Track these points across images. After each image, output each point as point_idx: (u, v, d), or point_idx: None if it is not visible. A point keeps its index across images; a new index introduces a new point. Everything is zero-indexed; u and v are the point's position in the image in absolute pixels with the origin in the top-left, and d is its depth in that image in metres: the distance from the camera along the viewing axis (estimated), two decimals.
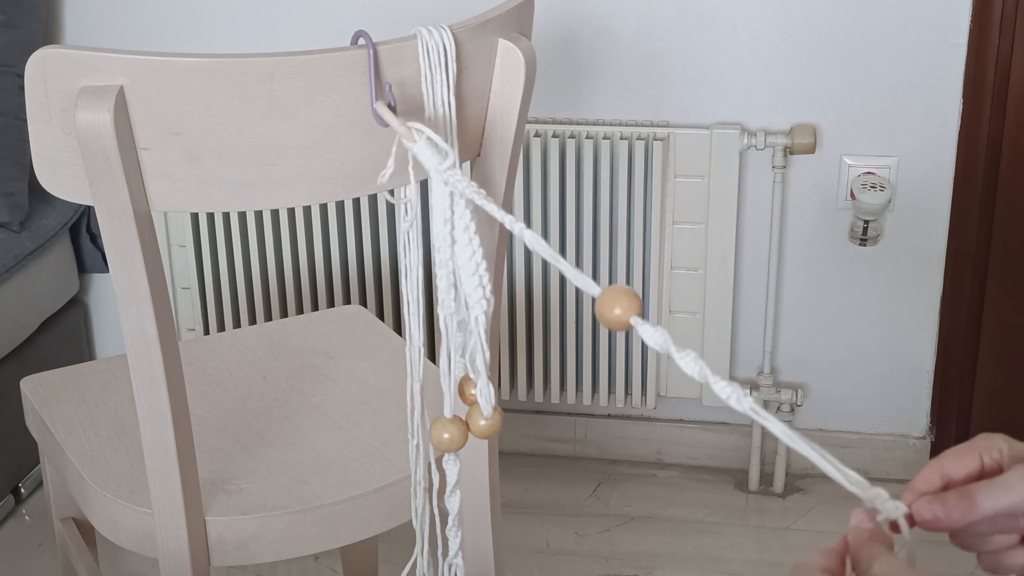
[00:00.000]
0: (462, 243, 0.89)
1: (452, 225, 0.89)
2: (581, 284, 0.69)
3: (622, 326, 0.65)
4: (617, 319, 0.65)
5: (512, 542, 2.03)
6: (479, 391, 0.93)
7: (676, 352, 0.64)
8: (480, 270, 0.89)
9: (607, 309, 0.66)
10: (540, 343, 2.14)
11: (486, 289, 0.89)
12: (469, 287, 0.89)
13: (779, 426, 0.64)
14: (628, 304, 0.66)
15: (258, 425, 1.32)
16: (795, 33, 1.99)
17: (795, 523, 2.11)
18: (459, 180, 0.86)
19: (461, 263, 0.89)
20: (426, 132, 0.91)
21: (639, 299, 0.66)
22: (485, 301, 0.89)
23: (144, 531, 1.17)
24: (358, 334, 1.52)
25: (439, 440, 0.95)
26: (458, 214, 0.89)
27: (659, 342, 0.65)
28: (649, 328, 0.65)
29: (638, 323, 0.65)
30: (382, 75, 1.02)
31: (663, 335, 0.65)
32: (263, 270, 2.15)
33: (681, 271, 2.08)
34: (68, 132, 0.98)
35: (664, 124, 2.04)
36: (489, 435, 0.95)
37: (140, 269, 1.02)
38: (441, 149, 0.89)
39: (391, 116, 0.95)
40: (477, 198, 0.84)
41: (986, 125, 1.98)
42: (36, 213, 2.14)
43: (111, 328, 2.40)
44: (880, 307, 2.12)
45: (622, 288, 0.66)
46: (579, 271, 0.70)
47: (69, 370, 1.42)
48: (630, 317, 0.65)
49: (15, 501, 2.16)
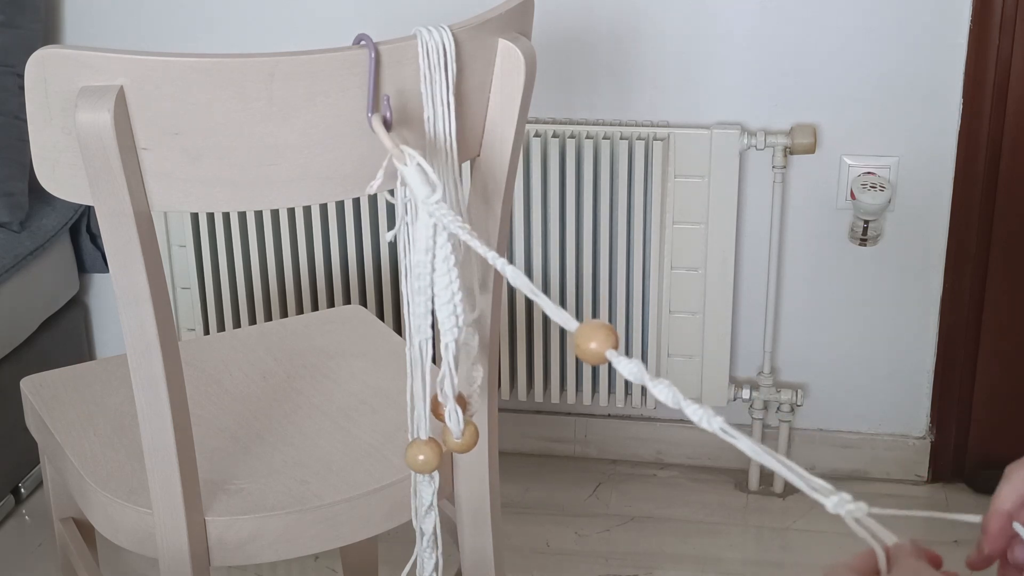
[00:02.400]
0: (440, 272, 0.93)
1: (433, 255, 0.92)
2: (559, 319, 0.72)
3: (599, 360, 0.68)
4: (593, 352, 0.68)
5: (512, 542, 2.03)
6: (447, 415, 0.99)
7: (650, 381, 0.67)
8: (455, 300, 0.93)
9: (584, 343, 0.69)
10: (540, 343, 2.14)
11: (459, 319, 0.94)
12: (443, 315, 0.94)
13: (747, 443, 0.67)
14: (604, 338, 0.69)
15: (258, 425, 1.32)
16: (795, 33, 1.99)
17: (795, 523, 2.11)
18: (445, 214, 0.88)
19: (438, 291, 0.93)
20: (417, 158, 0.92)
21: (615, 333, 0.69)
22: (457, 329, 0.94)
23: (144, 531, 1.17)
24: (358, 334, 1.52)
25: (414, 462, 1.01)
26: (439, 244, 0.92)
27: (634, 373, 0.68)
28: (624, 360, 0.68)
29: (613, 356, 0.68)
30: (382, 79, 1.02)
31: (638, 366, 0.68)
32: (263, 270, 2.15)
33: (681, 271, 2.08)
34: (68, 132, 0.98)
35: (664, 124, 2.04)
36: (464, 451, 1.01)
37: (140, 269, 1.02)
38: (430, 180, 0.91)
39: (384, 135, 0.96)
40: (462, 234, 0.86)
41: (986, 125, 1.98)
42: (36, 213, 2.14)
43: (111, 328, 2.40)
44: (880, 307, 2.12)
45: (598, 323, 0.69)
46: (558, 306, 0.73)
47: (69, 370, 1.42)
48: (605, 351, 0.68)
49: (15, 501, 2.16)
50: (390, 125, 1.01)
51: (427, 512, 1.12)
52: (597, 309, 2.09)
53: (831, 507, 0.67)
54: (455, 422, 1.00)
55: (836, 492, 0.67)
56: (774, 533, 2.09)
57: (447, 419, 1.01)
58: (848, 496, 0.67)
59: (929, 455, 2.19)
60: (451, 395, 0.99)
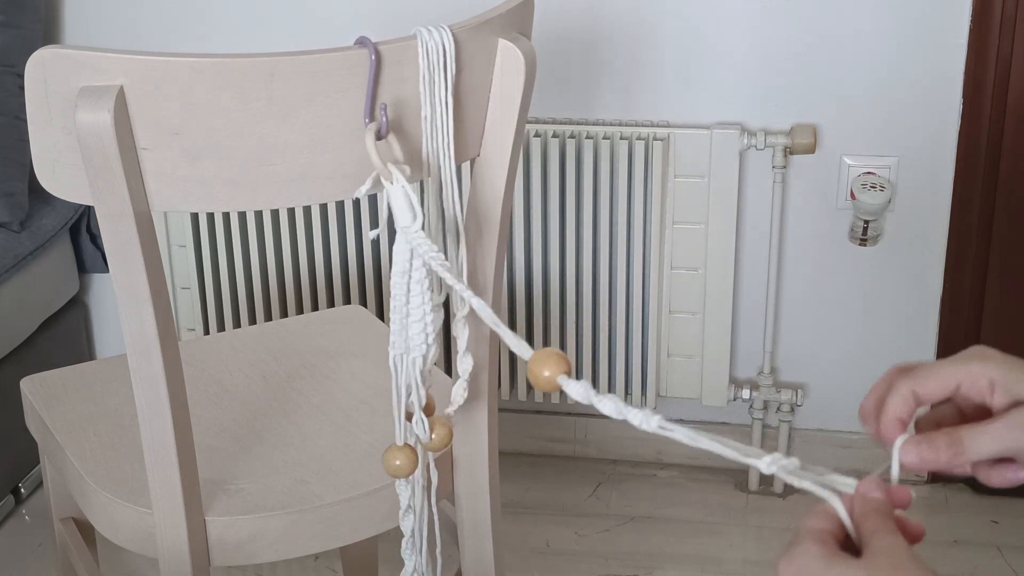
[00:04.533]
0: (415, 293, 0.99)
1: (409, 276, 0.98)
2: (516, 348, 0.77)
3: (551, 387, 0.73)
4: (546, 380, 0.73)
5: (512, 542, 2.03)
6: (415, 423, 1.07)
7: (595, 397, 0.72)
8: (427, 319, 1.01)
9: (537, 370, 0.73)
10: (540, 343, 2.14)
11: (428, 337, 1.02)
12: (414, 331, 1.01)
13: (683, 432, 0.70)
14: (555, 365, 0.73)
15: (258, 425, 1.32)
16: (795, 33, 1.99)
17: (795, 523, 2.11)
18: (422, 243, 0.93)
19: (411, 310, 1.00)
20: (402, 181, 0.94)
21: (566, 360, 0.74)
22: (425, 346, 1.02)
23: (144, 531, 1.17)
24: (358, 334, 1.52)
25: (391, 467, 1.08)
26: (415, 267, 0.98)
27: (581, 394, 0.72)
28: (573, 383, 0.73)
29: (564, 382, 0.73)
30: (381, 81, 1.02)
31: (585, 387, 0.72)
32: (263, 270, 2.15)
33: (681, 271, 2.08)
34: (68, 132, 0.98)
35: (664, 124, 2.04)
36: (436, 450, 1.10)
37: (140, 269, 1.02)
38: (412, 206, 0.95)
39: (374, 152, 0.98)
40: (434, 264, 0.92)
41: (986, 125, 1.98)
42: (36, 213, 2.14)
43: (111, 328, 2.40)
44: (880, 307, 2.12)
45: (550, 351, 0.74)
46: (515, 335, 0.78)
47: (69, 370, 1.42)
48: (556, 377, 0.73)
49: (15, 501, 2.16)
50: (385, 134, 1.01)
51: (406, 514, 1.15)
52: (597, 309, 2.09)
53: (764, 468, 0.69)
54: (421, 429, 1.08)
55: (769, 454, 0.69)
56: (774, 533, 2.10)
57: (414, 426, 1.08)
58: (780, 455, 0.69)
59: None
60: (418, 405, 1.07)
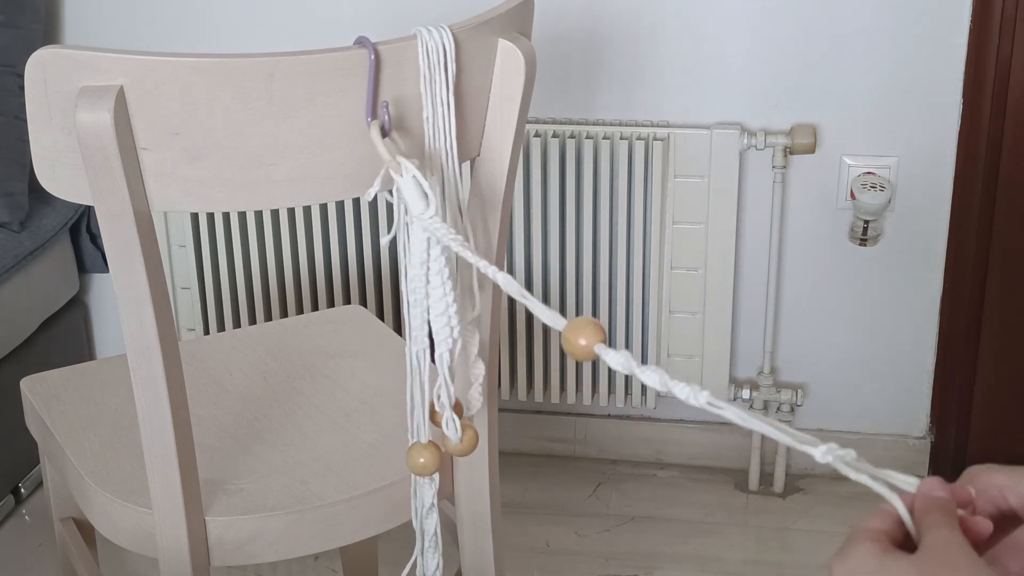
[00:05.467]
0: (435, 284, 0.96)
1: (428, 267, 0.95)
2: (548, 320, 0.73)
3: (588, 355, 0.70)
4: (583, 348, 0.70)
5: (512, 542, 2.03)
6: (445, 423, 1.03)
7: (638, 369, 0.68)
8: (450, 311, 0.97)
9: (573, 339, 0.70)
10: (540, 343, 2.14)
11: (454, 330, 0.97)
12: (438, 325, 0.97)
13: (734, 411, 0.67)
14: (592, 334, 0.70)
15: (258, 425, 1.32)
16: (795, 33, 1.99)
17: (795, 523, 2.11)
18: (438, 228, 0.91)
19: (432, 303, 0.97)
20: (412, 171, 0.92)
21: (602, 328, 0.70)
22: (452, 340, 0.98)
23: (144, 531, 1.17)
24: (358, 334, 1.52)
25: (415, 465, 1.05)
26: (433, 257, 0.95)
27: (622, 364, 0.69)
28: (612, 352, 0.69)
29: (602, 350, 0.69)
30: (382, 81, 1.02)
31: (625, 356, 0.69)
32: (263, 270, 2.15)
33: (681, 271, 2.08)
34: (68, 132, 0.98)
35: (664, 124, 2.04)
36: (463, 454, 1.06)
37: (140, 269, 1.02)
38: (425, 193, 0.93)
39: (381, 145, 0.97)
40: (455, 245, 0.88)
41: (986, 125, 1.98)
42: (36, 213, 2.14)
43: (111, 328, 2.40)
44: (880, 307, 2.12)
45: (585, 319, 0.70)
46: (546, 306, 0.74)
47: (69, 370, 1.42)
48: (594, 346, 0.69)
49: (15, 501, 2.16)
50: (388, 131, 1.01)
51: (428, 513, 1.14)
52: (597, 309, 2.09)
53: (819, 456, 0.66)
54: (452, 430, 1.03)
55: (824, 442, 0.67)
56: (774, 533, 2.09)
57: (444, 427, 1.04)
58: (835, 444, 0.67)
59: (929, 455, 2.19)
60: (448, 404, 1.02)
